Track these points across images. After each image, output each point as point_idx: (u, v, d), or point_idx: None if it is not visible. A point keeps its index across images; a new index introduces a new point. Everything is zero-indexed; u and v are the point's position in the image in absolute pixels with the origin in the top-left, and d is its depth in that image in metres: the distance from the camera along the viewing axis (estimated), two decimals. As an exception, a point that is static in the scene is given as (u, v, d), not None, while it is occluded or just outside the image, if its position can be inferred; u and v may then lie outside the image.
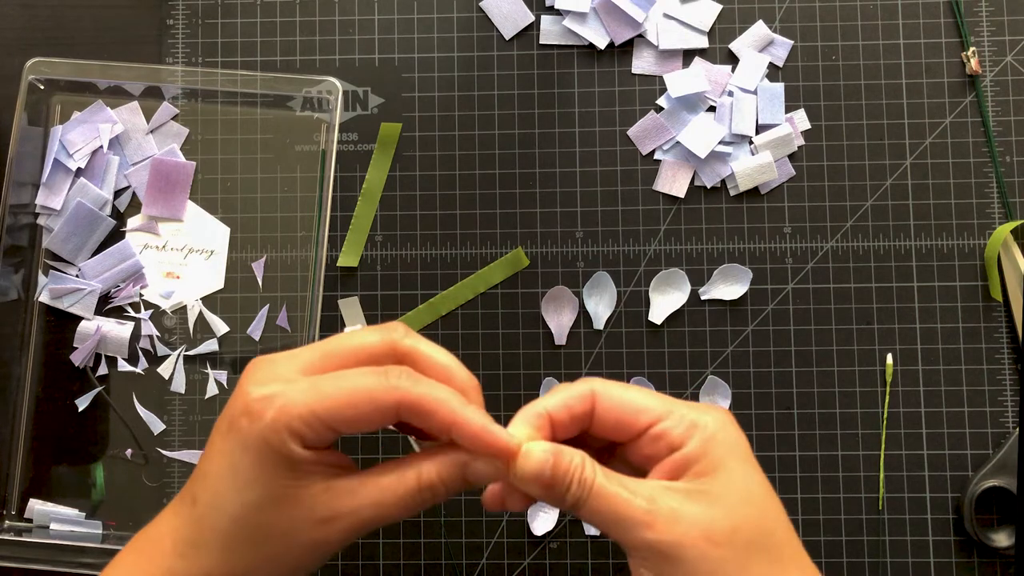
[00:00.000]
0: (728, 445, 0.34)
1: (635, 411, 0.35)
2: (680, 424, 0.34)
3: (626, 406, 0.35)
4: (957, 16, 0.55)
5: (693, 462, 0.34)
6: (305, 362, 0.34)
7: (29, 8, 0.57)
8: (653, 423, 0.35)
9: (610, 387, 0.36)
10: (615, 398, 0.35)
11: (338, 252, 0.55)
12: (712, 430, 0.34)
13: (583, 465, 0.34)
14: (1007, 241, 0.53)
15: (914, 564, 0.53)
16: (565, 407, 0.35)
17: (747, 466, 0.35)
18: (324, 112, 0.55)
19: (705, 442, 0.34)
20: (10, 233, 0.54)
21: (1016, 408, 0.53)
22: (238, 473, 0.33)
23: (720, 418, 0.35)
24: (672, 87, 0.55)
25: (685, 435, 0.34)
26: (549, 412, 0.35)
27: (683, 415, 0.35)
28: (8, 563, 0.52)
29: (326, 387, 0.33)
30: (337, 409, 0.32)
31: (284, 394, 0.32)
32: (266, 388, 0.33)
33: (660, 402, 0.35)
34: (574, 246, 0.55)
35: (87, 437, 0.54)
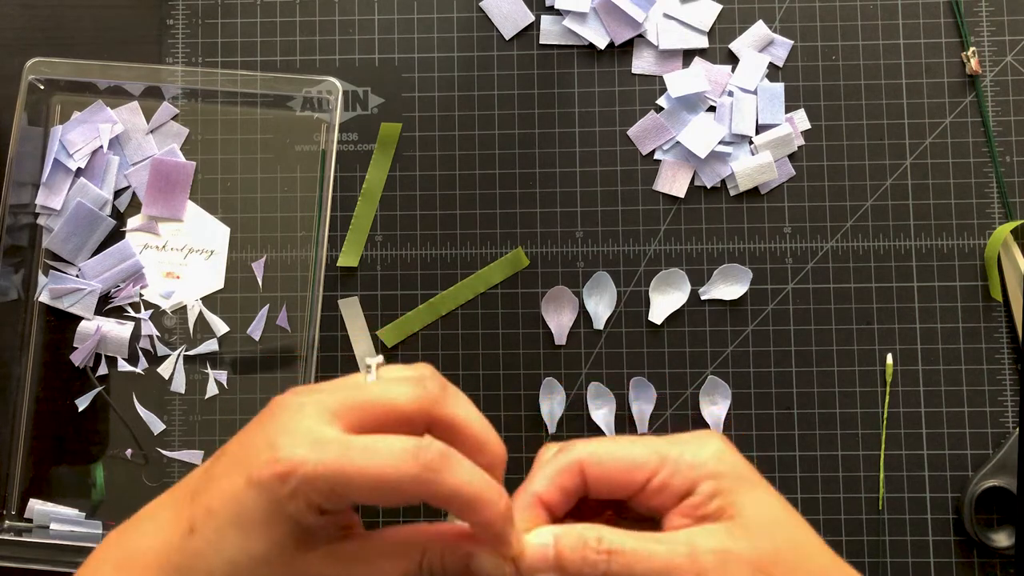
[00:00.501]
0: (734, 476, 0.34)
1: (627, 470, 0.34)
2: (678, 472, 0.33)
3: (617, 467, 0.34)
4: (957, 16, 0.55)
5: (708, 503, 0.33)
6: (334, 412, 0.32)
7: (29, 8, 0.57)
8: (650, 477, 0.34)
9: (596, 450, 0.34)
10: (604, 462, 0.34)
11: (338, 252, 0.55)
12: (712, 467, 0.33)
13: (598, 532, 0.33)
14: (1007, 241, 0.53)
15: (914, 564, 0.53)
16: (555, 486, 0.34)
17: (759, 490, 0.34)
18: (324, 112, 0.55)
19: (712, 480, 0.33)
20: (10, 233, 0.54)
21: (1016, 408, 0.53)
22: (244, 526, 0.32)
23: (714, 450, 0.34)
24: (672, 87, 0.55)
25: (689, 481, 0.33)
26: (539, 496, 0.34)
27: (677, 460, 0.34)
28: (8, 563, 0.52)
29: (353, 463, 0.31)
30: (361, 488, 0.31)
31: (310, 462, 0.31)
32: (294, 450, 0.31)
33: (650, 452, 0.34)
34: (574, 246, 0.55)
35: (87, 437, 0.54)
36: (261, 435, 0.32)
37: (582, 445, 0.35)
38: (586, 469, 0.34)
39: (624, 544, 0.32)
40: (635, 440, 0.35)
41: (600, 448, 0.34)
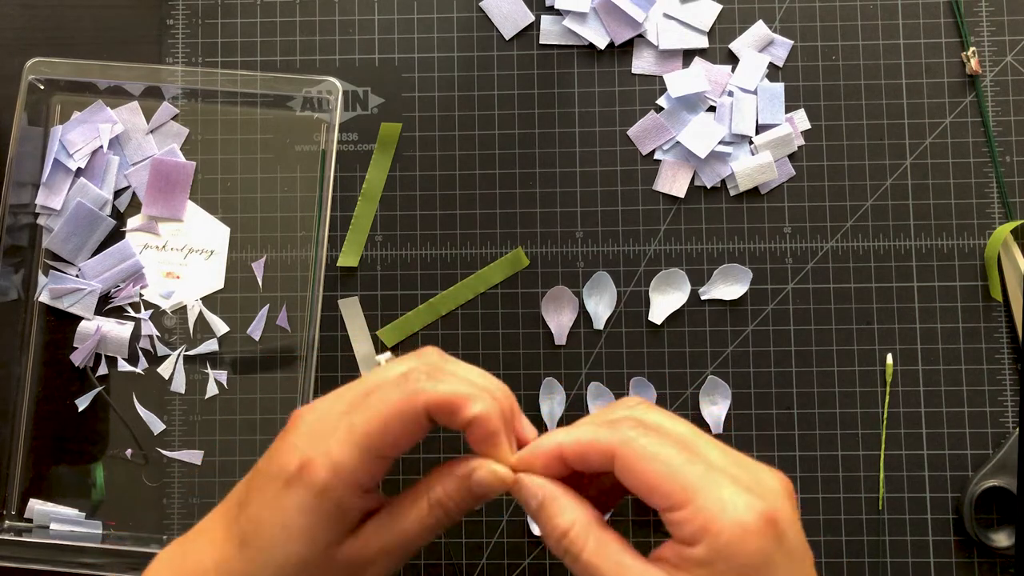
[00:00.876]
0: (738, 563, 0.30)
1: (650, 488, 0.32)
2: (692, 521, 0.31)
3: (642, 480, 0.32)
4: (957, 16, 0.55)
5: (697, 566, 0.31)
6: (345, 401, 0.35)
7: (29, 8, 0.57)
8: (667, 509, 0.31)
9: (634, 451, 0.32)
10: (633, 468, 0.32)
11: (338, 252, 0.55)
12: (723, 541, 0.30)
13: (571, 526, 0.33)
14: (1007, 241, 0.53)
15: (914, 564, 0.53)
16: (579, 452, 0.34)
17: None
18: (324, 112, 0.55)
19: (711, 553, 0.30)
20: (10, 233, 0.54)
21: (1016, 408, 0.53)
22: (291, 528, 0.33)
23: (742, 524, 0.30)
24: (672, 87, 0.55)
25: (695, 536, 0.31)
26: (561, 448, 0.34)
27: (699, 510, 0.31)
28: (8, 563, 0.52)
29: (358, 422, 0.33)
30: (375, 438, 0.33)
31: (333, 450, 0.33)
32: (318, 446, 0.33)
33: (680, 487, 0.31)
34: (574, 246, 0.55)
35: (87, 437, 0.54)
36: (287, 444, 0.34)
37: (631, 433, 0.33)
38: (616, 461, 0.33)
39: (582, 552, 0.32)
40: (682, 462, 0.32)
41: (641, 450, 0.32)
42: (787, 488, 0.33)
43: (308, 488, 0.33)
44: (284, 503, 0.33)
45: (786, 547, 0.31)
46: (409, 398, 0.33)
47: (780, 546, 0.31)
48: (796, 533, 0.32)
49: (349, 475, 0.33)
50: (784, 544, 0.31)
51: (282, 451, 0.34)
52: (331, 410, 0.35)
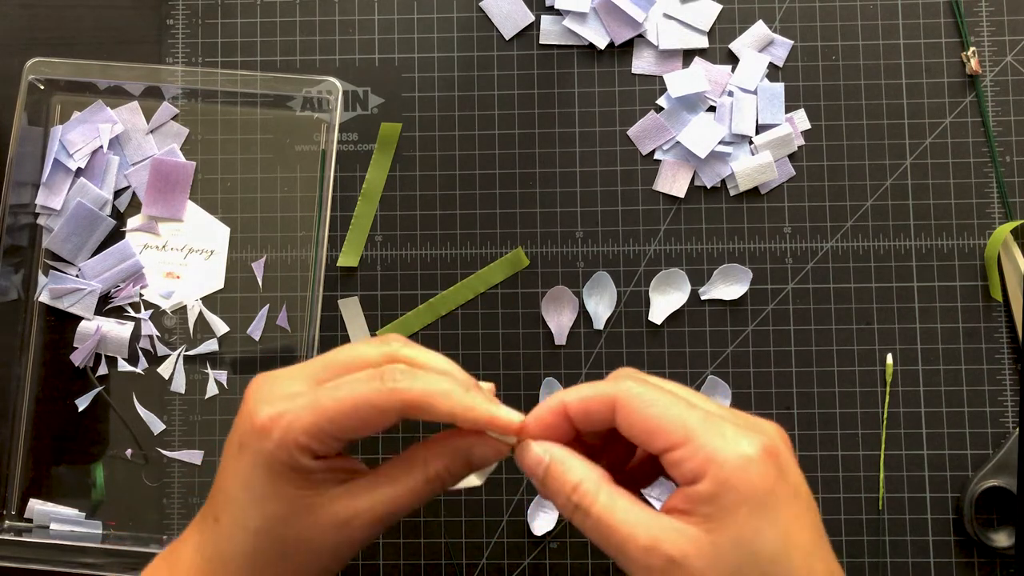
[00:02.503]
0: (743, 492, 0.30)
1: (650, 432, 0.32)
2: (694, 457, 0.31)
3: (643, 425, 0.32)
4: (957, 16, 0.55)
5: (702, 504, 0.31)
6: (307, 376, 0.35)
7: (29, 8, 0.57)
8: (669, 449, 0.32)
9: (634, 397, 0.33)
10: (633, 413, 0.33)
11: (338, 252, 0.55)
12: (727, 472, 0.31)
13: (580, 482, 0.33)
14: (1007, 241, 0.53)
15: (914, 564, 0.53)
16: (583, 408, 0.34)
17: (762, 519, 0.30)
18: (324, 112, 0.55)
19: (716, 485, 0.31)
20: (10, 233, 0.54)
21: (1016, 408, 0.53)
22: (255, 489, 0.33)
23: (744, 455, 0.31)
24: (672, 87, 0.55)
25: (698, 472, 0.31)
26: (566, 405, 0.34)
27: (700, 447, 0.31)
28: (8, 563, 0.52)
29: (326, 398, 0.33)
30: (340, 419, 0.33)
31: (288, 411, 0.33)
32: (271, 407, 0.33)
33: (680, 425, 0.32)
34: (574, 246, 0.55)
35: (87, 437, 0.54)
36: (243, 412, 0.34)
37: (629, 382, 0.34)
38: (617, 411, 0.33)
39: (593, 505, 0.32)
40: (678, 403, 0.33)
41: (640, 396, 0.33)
42: (784, 434, 0.33)
43: (263, 446, 0.33)
44: (243, 466, 0.34)
45: (788, 481, 0.31)
46: (386, 394, 0.33)
47: (782, 479, 0.31)
48: (797, 473, 0.32)
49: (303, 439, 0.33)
50: (786, 478, 0.31)
51: (240, 420, 0.34)
52: (291, 379, 0.35)
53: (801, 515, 0.31)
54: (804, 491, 0.32)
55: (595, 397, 0.34)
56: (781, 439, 0.33)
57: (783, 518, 0.31)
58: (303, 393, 0.34)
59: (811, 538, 0.32)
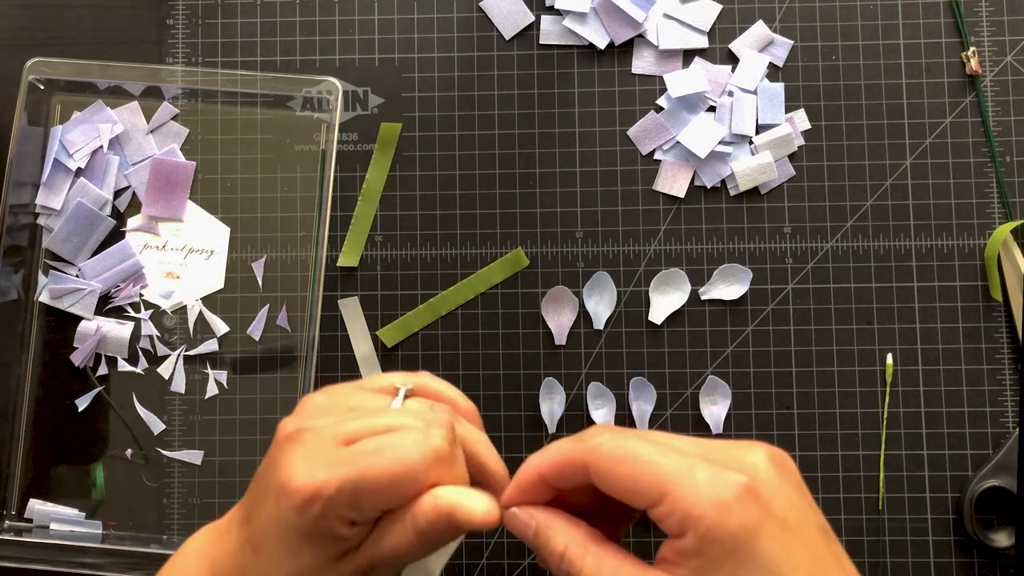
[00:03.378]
0: (727, 545, 0.30)
1: (627, 491, 0.32)
2: (673, 513, 0.30)
3: (617, 483, 0.32)
4: (957, 16, 0.55)
5: (690, 557, 0.30)
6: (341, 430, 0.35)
7: (29, 8, 0.57)
8: (648, 507, 0.31)
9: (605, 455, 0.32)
10: (606, 473, 0.32)
11: (338, 252, 0.55)
12: (706, 525, 0.30)
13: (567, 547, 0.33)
14: (1007, 241, 0.53)
15: (914, 564, 0.53)
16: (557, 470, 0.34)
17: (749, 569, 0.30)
18: (324, 112, 0.55)
19: (698, 540, 0.30)
20: (10, 233, 0.54)
21: (1016, 408, 0.53)
22: (292, 544, 0.34)
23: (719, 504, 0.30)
24: (672, 87, 0.55)
25: (680, 527, 0.30)
26: (540, 470, 0.34)
27: (676, 501, 0.30)
28: (8, 563, 0.52)
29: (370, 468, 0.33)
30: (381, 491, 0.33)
31: (328, 485, 0.33)
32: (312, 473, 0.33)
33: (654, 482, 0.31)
34: (574, 246, 0.55)
35: (87, 437, 0.54)
36: (284, 459, 0.34)
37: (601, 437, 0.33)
38: (590, 470, 0.33)
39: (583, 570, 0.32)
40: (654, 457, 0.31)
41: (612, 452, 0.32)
42: (773, 457, 0.32)
43: (299, 511, 0.33)
44: (280, 520, 0.34)
45: (776, 516, 0.30)
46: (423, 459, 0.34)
47: (768, 516, 0.30)
48: (787, 499, 0.31)
49: (340, 511, 0.33)
50: (773, 513, 0.30)
51: (280, 465, 0.34)
52: (337, 428, 0.35)
53: (792, 547, 0.30)
54: (798, 517, 0.31)
55: (566, 460, 0.33)
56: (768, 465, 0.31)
57: (772, 559, 0.30)
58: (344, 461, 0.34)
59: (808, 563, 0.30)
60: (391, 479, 0.33)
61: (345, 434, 0.35)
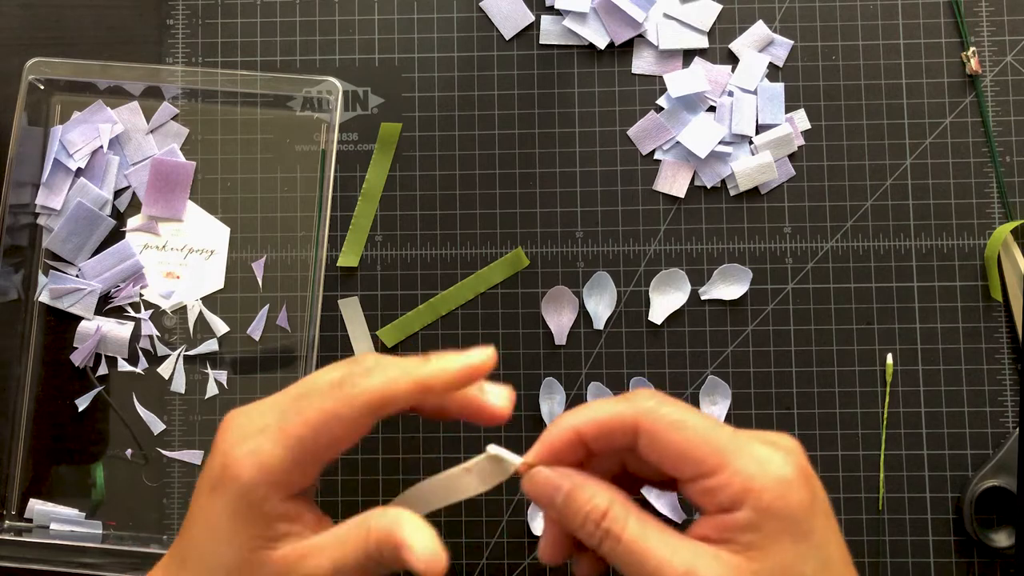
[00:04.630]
0: (785, 520, 0.29)
1: (680, 457, 0.31)
2: (730, 485, 0.30)
3: (671, 449, 0.31)
4: (957, 16, 0.55)
5: (741, 533, 0.30)
6: (275, 407, 0.33)
7: (29, 8, 0.57)
8: (701, 476, 0.30)
9: (659, 419, 0.31)
10: (660, 436, 0.31)
11: (338, 252, 0.55)
12: (768, 499, 0.29)
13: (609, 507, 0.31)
14: (1007, 241, 0.53)
15: (914, 564, 0.53)
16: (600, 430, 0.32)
17: (804, 547, 0.30)
18: (324, 112, 0.55)
19: (757, 513, 0.29)
20: (10, 233, 0.54)
21: (1016, 408, 0.53)
22: (219, 532, 0.32)
23: (782, 479, 0.30)
24: (672, 87, 0.55)
25: (736, 500, 0.30)
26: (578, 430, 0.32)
27: (736, 472, 0.30)
28: (8, 563, 0.52)
29: (292, 423, 0.32)
30: (310, 441, 0.31)
31: (260, 447, 0.32)
32: (242, 446, 0.32)
33: (713, 451, 0.30)
34: (574, 246, 0.55)
35: (87, 437, 0.54)
36: (215, 451, 0.33)
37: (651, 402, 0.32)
38: (640, 433, 0.31)
39: (624, 531, 0.31)
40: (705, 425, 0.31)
41: (665, 418, 0.31)
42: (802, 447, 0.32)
43: (231, 488, 0.32)
44: (211, 507, 0.32)
45: (820, 500, 0.31)
46: (347, 400, 0.31)
47: (816, 499, 0.31)
48: (822, 487, 0.32)
49: (276, 475, 0.31)
50: (818, 497, 0.31)
51: (209, 459, 0.33)
52: (262, 413, 0.33)
53: (834, 533, 0.31)
54: (830, 506, 0.32)
55: (613, 419, 0.32)
56: (802, 452, 0.32)
57: (822, 541, 0.30)
58: (271, 425, 0.32)
59: (840, 554, 0.31)
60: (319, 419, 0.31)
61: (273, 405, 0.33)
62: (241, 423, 0.33)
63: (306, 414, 0.32)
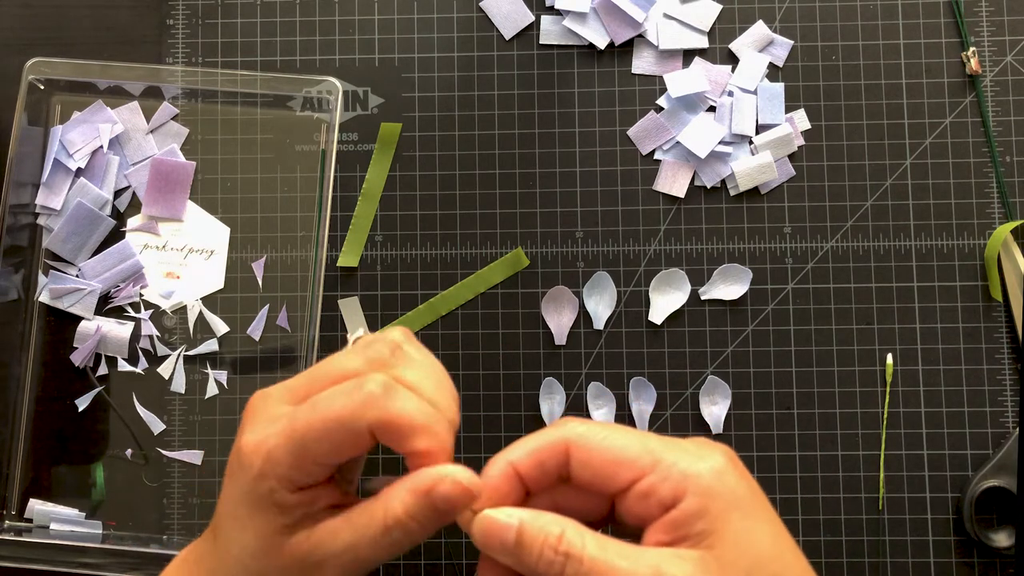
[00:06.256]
0: (729, 498, 0.30)
1: (614, 464, 0.31)
2: (668, 478, 0.30)
3: (604, 458, 0.31)
4: (957, 16, 0.55)
5: (691, 523, 0.30)
6: (292, 393, 0.33)
7: (29, 8, 0.57)
8: (637, 478, 0.31)
9: (587, 435, 0.32)
10: (592, 449, 0.31)
11: (338, 252, 0.55)
12: (707, 482, 0.30)
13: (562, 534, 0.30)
14: (1007, 241, 0.53)
15: (914, 564, 0.53)
16: (534, 461, 0.32)
17: (752, 521, 0.30)
18: (324, 112, 0.55)
19: (701, 498, 0.30)
20: (10, 233, 0.54)
21: (1016, 408, 0.53)
22: (238, 518, 0.33)
23: (715, 465, 0.31)
24: (672, 87, 0.55)
25: (677, 492, 0.30)
26: (513, 464, 0.32)
27: (671, 466, 0.30)
28: (8, 563, 0.52)
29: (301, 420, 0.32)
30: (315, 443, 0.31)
31: (268, 439, 0.32)
32: (254, 433, 0.32)
33: (644, 451, 0.31)
34: (574, 246, 0.55)
35: (87, 437, 0.54)
36: (238, 433, 0.34)
37: (575, 424, 0.32)
38: (572, 452, 0.32)
39: (584, 550, 0.30)
40: (633, 434, 0.32)
41: (593, 433, 0.32)
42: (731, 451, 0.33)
43: (246, 476, 0.32)
44: (231, 492, 0.33)
45: (755, 486, 0.32)
46: (355, 410, 0.31)
47: (751, 482, 0.31)
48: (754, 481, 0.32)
49: (280, 470, 0.31)
50: (753, 483, 0.32)
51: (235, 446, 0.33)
52: (280, 399, 0.33)
53: (774, 515, 0.32)
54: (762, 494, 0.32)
55: (544, 447, 0.32)
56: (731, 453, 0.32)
57: (767, 518, 0.31)
58: (283, 416, 0.32)
59: (788, 535, 0.32)
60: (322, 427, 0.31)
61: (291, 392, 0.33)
62: (260, 408, 0.34)
63: (318, 412, 0.32)
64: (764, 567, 0.30)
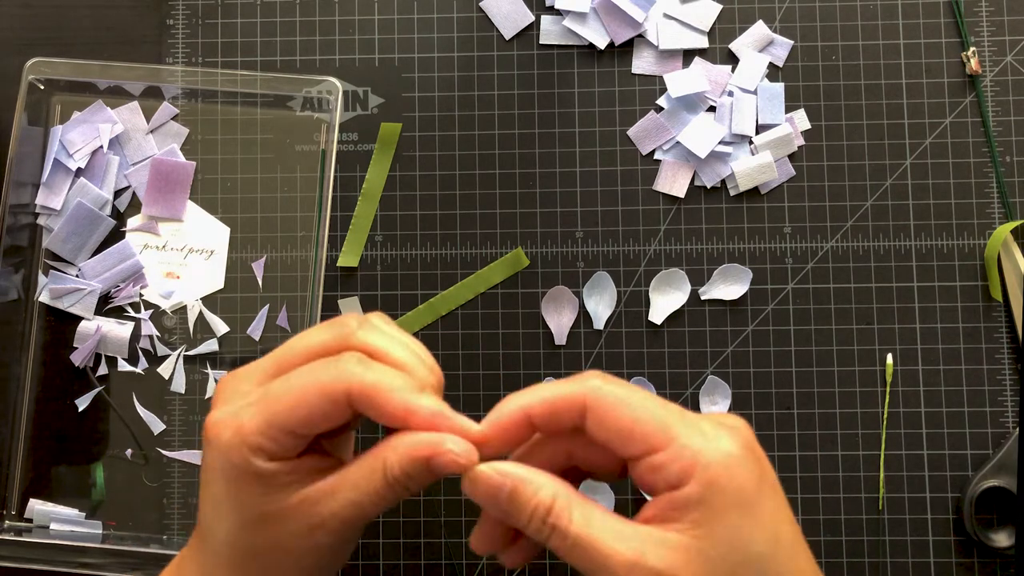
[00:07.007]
0: (730, 494, 0.29)
1: (628, 433, 0.30)
2: (678, 460, 0.30)
3: (619, 425, 0.30)
4: (957, 16, 0.55)
5: (688, 509, 0.30)
6: (262, 371, 0.33)
7: (29, 8, 0.57)
8: (649, 452, 0.30)
9: (607, 397, 0.31)
10: (608, 412, 0.31)
11: (338, 252, 0.55)
12: (714, 473, 0.29)
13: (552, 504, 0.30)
14: (1007, 241, 0.53)
15: (914, 564, 0.53)
16: (548, 409, 0.32)
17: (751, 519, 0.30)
18: (324, 112, 0.55)
19: (704, 487, 0.29)
20: (10, 233, 0.54)
21: (1016, 408, 0.53)
22: (216, 498, 0.32)
23: (729, 454, 0.30)
24: (672, 87, 0.55)
25: (683, 474, 0.30)
26: (527, 412, 0.32)
27: (683, 447, 0.30)
28: (8, 563, 0.52)
29: (275, 393, 0.32)
30: (289, 414, 0.31)
31: (239, 412, 0.32)
32: (223, 409, 0.32)
33: (660, 427, 0.30)
34: (574, 246, 0.55)
35: (87, 437, 0.54)
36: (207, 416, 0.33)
37: (597, 382, 0.31)
38: (588, 413, 0.31)
39: (570, 525, 0.30)
40: (652, 404, 0.31)
41: (613, 396, 0.31)
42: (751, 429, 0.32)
43: (216, 452, 0.32)
44: (205, 473, 0.33)
45: (768, 476, 0.31)
46: (333, 382, 0.31)
47: (763, 474, 0.31)
48: (771, 466, 0.32)
49: (253, 438, 0.31)
50: (765, 473, 0.31)
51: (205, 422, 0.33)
52: (249, 376, 0.33)
53: (781, 509, 0.31)
54: (779, 485, 0.32)
55: (561, 399, 0.31)
56: (750, 431, 0.32)
57: (768, 516, 0.30)
58: (254, 390, 0.32)
59: (792, 532, 0.31)
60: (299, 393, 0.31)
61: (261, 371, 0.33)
62: (230, 387, 0.33)
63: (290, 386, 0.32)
64: (751, 565, 0.29)
